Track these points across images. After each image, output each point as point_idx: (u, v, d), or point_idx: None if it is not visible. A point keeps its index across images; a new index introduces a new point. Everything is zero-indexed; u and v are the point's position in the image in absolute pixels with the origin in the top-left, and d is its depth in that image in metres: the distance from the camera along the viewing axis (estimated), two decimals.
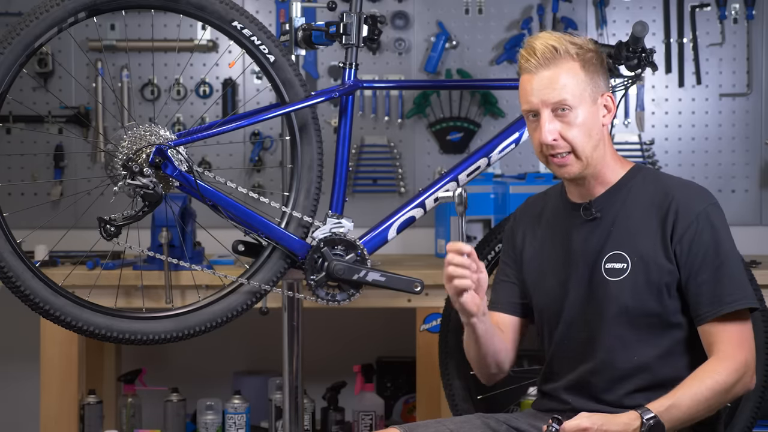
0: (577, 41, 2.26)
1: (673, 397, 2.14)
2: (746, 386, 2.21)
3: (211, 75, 4.03)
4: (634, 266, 2.24)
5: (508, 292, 2.44)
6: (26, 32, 2.28)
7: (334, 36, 2.62)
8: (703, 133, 4.03)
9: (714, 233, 2.23)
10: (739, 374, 2.18)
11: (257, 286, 2.53)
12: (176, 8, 2.43)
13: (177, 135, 2.42)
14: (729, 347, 2.19)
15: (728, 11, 3.97)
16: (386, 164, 4.05)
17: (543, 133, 2.23)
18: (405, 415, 3.94)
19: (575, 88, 2.22)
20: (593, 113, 2.25)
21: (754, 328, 2.72)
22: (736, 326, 2.21)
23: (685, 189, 2.28)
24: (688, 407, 2.14)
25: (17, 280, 2.28)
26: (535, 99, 2.24)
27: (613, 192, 2.30)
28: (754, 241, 3.90)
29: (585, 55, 2.25)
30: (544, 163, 2.30)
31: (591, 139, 2.25)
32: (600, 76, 2.28)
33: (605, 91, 2.29)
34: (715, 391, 2.15)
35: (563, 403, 2.34)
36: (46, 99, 4.02)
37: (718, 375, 2.16)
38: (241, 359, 4.16)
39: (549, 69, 2.23)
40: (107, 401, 3.77)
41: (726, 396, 2.18)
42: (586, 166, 2.26)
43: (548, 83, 2.22)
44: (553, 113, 2.23)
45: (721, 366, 2.17)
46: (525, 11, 4.02)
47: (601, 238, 2.29)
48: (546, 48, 2.23)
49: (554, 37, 2.25)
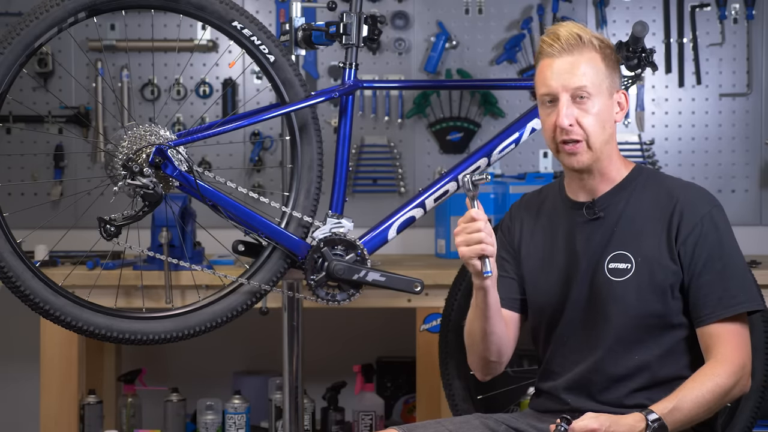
0: (598, 35, 2.28)
1: (675, 399, 2.14)
2: (743, 389, 2.22)
3: (211, 75, 4.03)
4: (638, 267, 2.24)
5: (507, 287, 2.41)
6: (26, 32, 2.28)
7: (334, 36, 2.62)
8: (703, 133, 4.03)
9: (718, 235, 2.23)
10: (738, 377, 2.18)
11: (257, 286, 2.53)
12: (176, 8, 2.43)
13: (177, 135, 2.42)
14: (728, 350, 2.19)
15: (728, 11, 3.97)
16: (386, 164, 4.05)
17: (561, 116, 2.22)
18: (405, 415, 3.94)
19: (595, 77, 2.23)
20: (608, 106, 2.26)
21: (754, 329, 2.75)
22: (736, 329, 2.21)
23: (689, 191, 2.29)
24: (690, 410, 2.14)
25: (17, 280, 2.28)
26: (555, 83, 2.23)
27: (617, 191, 2.30)
28: (754, 241, 3.90)
29: (605, 50, 2.27)
30: (554, 151, 2.29)
31: (604, 131, 2.25)
32: (616, 72, 2.30)
33: (620, 89, 2.31)
34: (715, 393, 2.16)
35: (562, 402, 2.33)
36: (46, 99, 4.02)
37: (719, 378, 2.17)
38: (241, 359, 4.15)
39: (572, 55, 2.23)
40: (107, 401, 3.77)
41: (725, 398, 2.19)
42: (595, 159, 2.26)
43: (570, 68, 2.23)
44: (572, 99, 2.23)
45: (722, 368, 2.18)
46: (525, 11, 4.02)
47: (604, 237, 2.29)
48: (571, 35, 2.23)
49: (579, 26, 2.27)
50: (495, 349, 2.34)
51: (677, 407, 2.13)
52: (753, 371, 2.72)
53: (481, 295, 2.27)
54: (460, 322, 2.93)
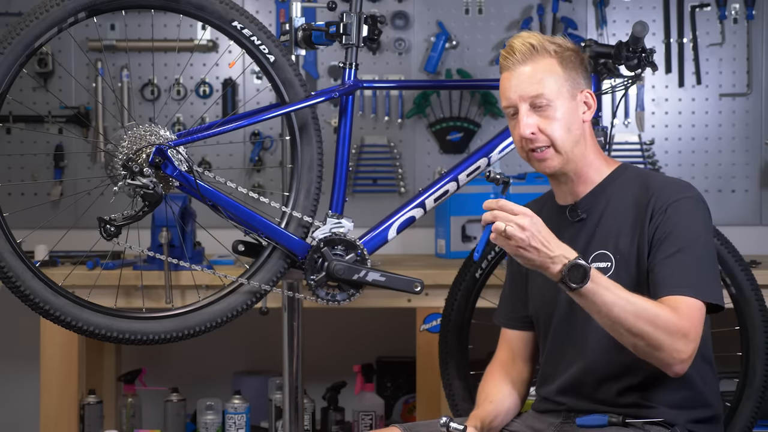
0: (556, 40, 2.29)
1: (617, 286, 2.08)
2: (676, 355, 2.10)
3: (211, 75, 4.03)
4: (617, 265, 2.25)
5: (514, 306, 2.48)
6: (26, 32, 2.28)
7: (334, 36, 2.62)
8: (703, 133, 4.03)
9: (679, 221, 2.20)
10: (679, 335, 2.08)
11: (257, 286, 2.53)
12: (176, 8, 2.43)
13: (177, 135, 2.42)
14: (684, 314, 2.11)
15: (728, 11, 3.97)
16: (386, 164, 4.05)
17: (521, 126, 2.25)
18: (405, 415, 3.94)
19: (553, 83, 2.25)
20: (572, 109, 2.27)
21: (754, 328, 2.75)
22: (693, 309, 2.13)
23: (666, 184, 2.27)
24: (618, 300, 2.06)
25: (17, 280, 2.28)
26: (513, 95, 2.26)
27: (597, 192, 2.32)
28: (754, 241, 3.90)
29: (564, 53, 2.28)
30: (526, 159, 2.31)
31: (570, 133, 2.26)
32: (579, 73, 2.30)
33: (585, 88, 2.31)
34: (651, 316, 2.06)
35: (558, 404, 2.35)
36: (46, 99, 4.02)
37: (666, 314, 2.08)
38: (241, 359, 4.16)
39: (527, 65, 2.26)
40: (107, 401, 3.77)
41: (654, 333, 2.07)
42: (566, 161, 2.27)
43: (526, 78, 2.25)
44: (532, 108, 2.25)
45: (676, 316, 2.09)
46: (525, 11, 4.02)
47: (586, 238, 2.30)
48: (524, 45, 2.26)
49: (533, 35, 2.29)
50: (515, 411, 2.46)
51: (611, 287, 2.06)
52: (750, 371, 2.74)
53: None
54: (460, 322, 2.94)
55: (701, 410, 2.29)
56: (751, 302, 2.76)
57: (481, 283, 2.91)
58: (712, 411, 2.30)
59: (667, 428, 2.24)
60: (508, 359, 2.49)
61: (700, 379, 2.27)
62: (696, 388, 2.27)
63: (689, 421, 2.26)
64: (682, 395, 2.26)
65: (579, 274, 2.04)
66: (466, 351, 2.93)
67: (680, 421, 2.24)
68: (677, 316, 2.10)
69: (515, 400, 2.44)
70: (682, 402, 2.26)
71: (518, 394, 2.45)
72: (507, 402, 2.42)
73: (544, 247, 2.06)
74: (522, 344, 2.48)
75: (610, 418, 2.23)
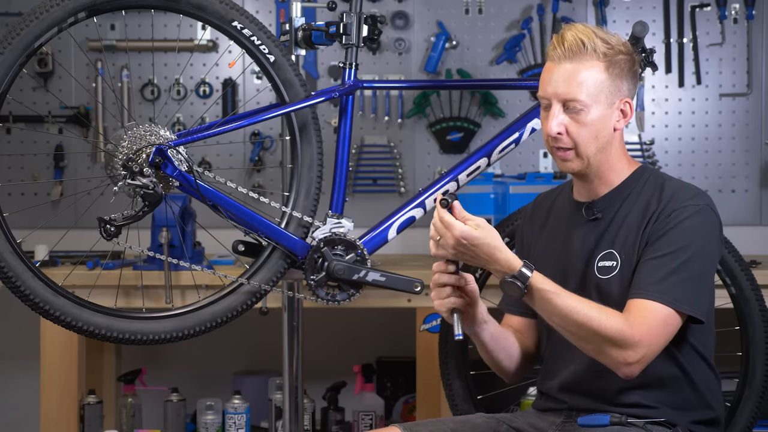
0: (610, 40, 2.22)
1: (560, 289, 2.12)
2: (621, 360, 2.10)
3: (211, 75, 4.04)
4: (622, 264, 2.24)
5: None
6: (26, 32, 2.27)
7: (334, 36, 2.62)
8: (703, 133, 4.03)
9: (676, 226, 2.18)
10: (622, 341, 2.08)
11: (257, 286, 2.52)
12: (176, 8, 2.43)
13: (177, 135, 2.42)
14: (637, 321, 2.11)
15: (728, 11, 3.97)
16: (386, 164, 4.05)
17: (550, 124, 2.22)
18: (405, 415, 3.94)
19: (592, 88, 2.20)
20: (606, 116, 2.23)
21: (754, 328, 2.75)
22: (654, 315, 2.12)
23: (678, 190, 2.25)
24: (563, 306, 2.10)
25: (17, 280, 2.28)
26: (549, 89, 2.23)
27: (615, 193, 2.30)
28: (754, 241, 3.90)
29: (613, 57, 2.21)
30: (550, 153, 2.31)
31: (597, 141, 2.23)
32: (624, 80, 2.24)
33: (625, 97, 2.25)
34: (594, 323, 2.08)
35: (560, 402, 2.34)
36: (46, 99, 4.02)
37: (610, 320, 2.08)
38: (241, 359, 4.16)
39: (572, 62, 2.20)
40: (107, 401, 3.77)
41: (594, 340, 2.10)
42: (587, 165, 2.26)
43: (566, 77, 2.20)
44: (564, 107, 2.22)
45: (620, 321, 2.09)
46: (525, 11, 4.02)
47: (597, 237, 2.30)
48: (575, 40, 2.20)
49: (587, 30, 2.21)
50: (509, 365, 2.42)
51: (555, 292, 2.10)
52: (750, 371, 2.74)
53: (474, 339, 2.34)
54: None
55: (702, 412, 2.28)
56: (751, 302, 2.75)
57: (481, 283, 2.91)
58: (713, 413, 2.30)
59: (668, 428, 2.23)
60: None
61: (702, 382, 2.27)
62: (698, 391, 2.27)
63: (690, 422, 2.26)
64: (683, 396, 2.26)
65: (515, 289, 2.10)
66: (466, 351, 2.93)
67: (681, 422, 2.24)
68: (626, 323, 2.10)
69: (520, 351, 2.43)
70: (684, 403, 2.26)
71: (522, 355, 2.43)
72: (515, 345, 2.43)
73: (483, 259, 2.13)
74: (524, 329, 2.46)
75: (612, 418, 2.23)
